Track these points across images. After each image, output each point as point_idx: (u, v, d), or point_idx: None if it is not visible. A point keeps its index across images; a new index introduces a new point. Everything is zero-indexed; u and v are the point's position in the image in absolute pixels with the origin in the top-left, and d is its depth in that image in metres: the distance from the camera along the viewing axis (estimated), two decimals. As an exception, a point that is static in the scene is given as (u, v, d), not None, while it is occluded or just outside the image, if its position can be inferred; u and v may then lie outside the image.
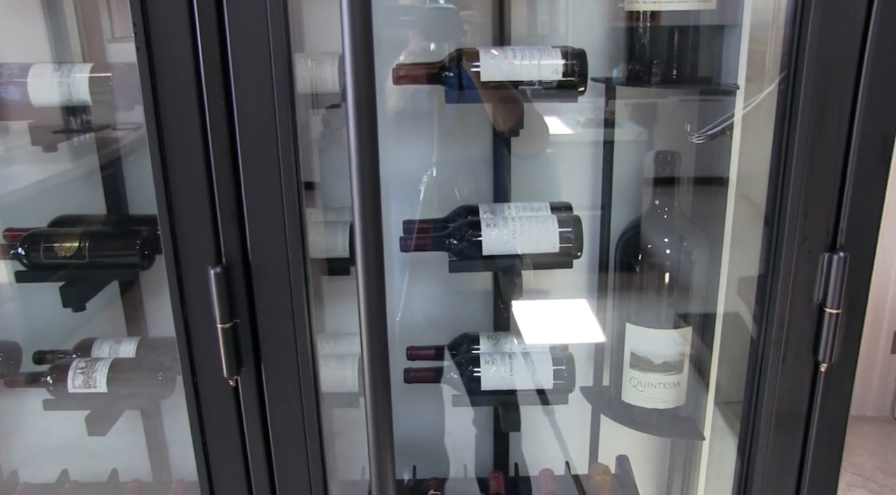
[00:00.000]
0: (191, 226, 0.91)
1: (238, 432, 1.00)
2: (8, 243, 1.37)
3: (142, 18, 0.85)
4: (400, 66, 1.28)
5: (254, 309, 0.93)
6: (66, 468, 1.61)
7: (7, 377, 1.44)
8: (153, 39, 0.86)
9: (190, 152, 0.89)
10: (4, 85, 1.27)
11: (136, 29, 0.86)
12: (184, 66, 0.86)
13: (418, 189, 1.51)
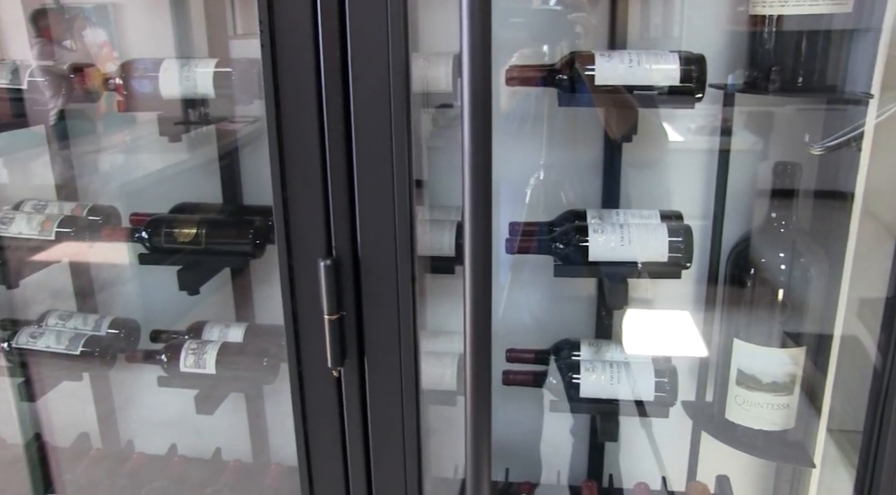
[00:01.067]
0: (304, 218, 0.94)
1: (338, 422, 1.02)
2: (133, 227, 1.45)
3: (268, 17, 0.88)
4: (513, 68, 1.28)
5: (360, 302, 0.95)
6: (174, 442, 1.69)
7: (127, 352, 1.52)
8: (277, 37, 0.89)
9: (307, 147, 0.91)
10: (139, 78, 1.33)
11: (261, 27, 0.89)
12: (305, 64, 0.89)
13: (525, 191, 1.50)
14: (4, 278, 1.53)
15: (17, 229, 1.46)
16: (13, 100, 1.46)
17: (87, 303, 1.76)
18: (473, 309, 0.86)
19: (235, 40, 1.57)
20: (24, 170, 1.81)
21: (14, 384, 1.60)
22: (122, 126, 1.74)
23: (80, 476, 1.64)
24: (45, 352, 1.51)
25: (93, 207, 1.53)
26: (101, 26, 1.69)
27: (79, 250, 1.57)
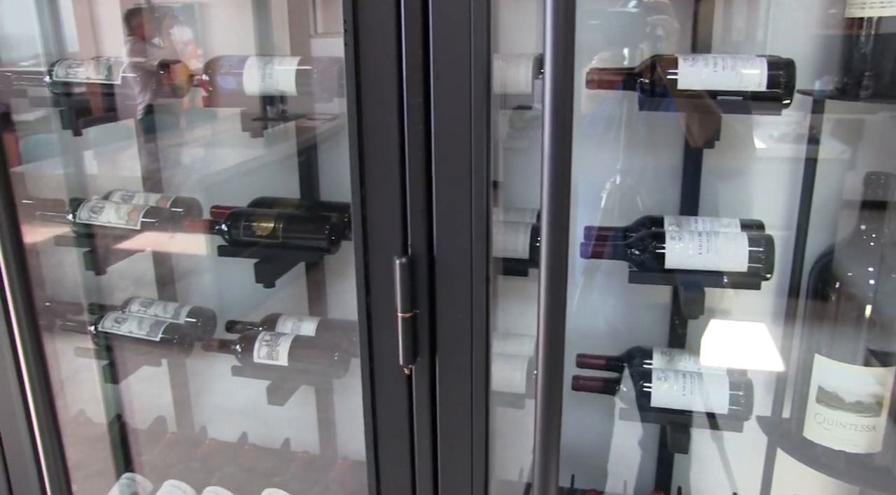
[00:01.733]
0: (381, 216, 0.94)
1: (407, 419, 1.02)
2: (213, 219, 1.49)
3: (352, 16, 0.89)
4: (593, 71, 1.26)
5: (434, 301, 0.95)
6: (245, 431, 1.73)
7: (203, 341, 1.57)
8: (361, 36, 0.90)
9: (386, 145, 0.92)
10: (224, 75, 1.37)
11: (345, 26, 0.90)
12: (387, 63, 0.90)
13: (600, 195, 1.48)
14: (93, 264, 1.59)
15: (106, 218, 1.52)
16: (105, 94, 1.52)
17: (167, 292, 1.82)
18: (547, 313, 0.86)
19: (316, 39, 1.59)
20: (113, 161, 1.89)
21: (99, 366, 1.67)
22: (203, 121, 1.80)
23: (157, 457, 1.70)
24: (128, 337, 1.57)
25: (176, 199, 1.57)
26: (187, 25, 1.75)
27: (161, 240, 1.62)
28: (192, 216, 1.55)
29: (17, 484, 1.31)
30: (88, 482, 1.60)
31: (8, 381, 1.23)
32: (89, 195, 1.64)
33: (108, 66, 1.49)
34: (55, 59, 1.53)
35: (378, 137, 0.92)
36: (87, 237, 1.56)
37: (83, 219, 1.53)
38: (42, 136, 1.74)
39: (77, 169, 1.76)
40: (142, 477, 1.64)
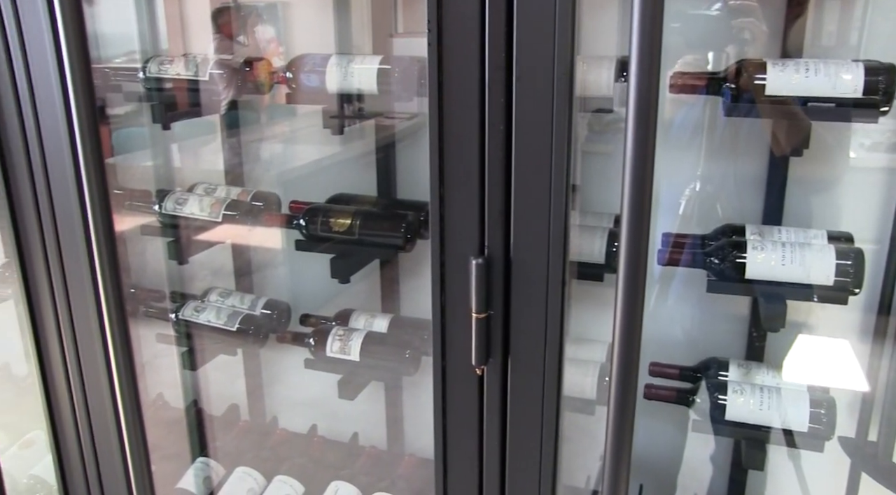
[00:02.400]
0: (459, 216, 0.95)
1: (477, 420, 1.02)
2: (291, 214, 1.52)
3: (436, 16, 0.90)
4: (677, 75, 1.23)
5: (509, 303, 0.95)
6: (315, 423, 1.76)
7: (278, 333, 1.60)
8: (444, 36, 0.90)
9: (466, 145, 0.92)
10: (307, 73, 1.40)
11: (429, 26, 0.91)
12: (470, 63, 0.90)
13: (679, 202, 1.45)
14: (177, 254, 1.65)
15: (190, 210, 1.56)
16: (191, 90, 1.57)
17: (243, 283, 1.87)
18: (624, 319, 0.84)
19: (397, 38, 1.61)
20: (196, 155, 1.94)
21: (179, 352, 1.72)
22: (283, 117, 1.84)
23: (229, 443, 1.75)
24: (206, 325, 1.61)
25: (256, 193, 1.61)
26: (270, 23, 1.79)
27: (240, 232, 1.67)
28: (272, 210, 1.59)
29: (104, 460, 1.37)
30: (164, 463, 1.65)
31: (97, 363, 1.28)
32: (175, 187, 1.70)
33: (196, 62, 1.54)
34: (149, 56, 1.59)
35: (459, 137, 0.92)
36: (171, 227, 1.62)
37: (168, 210, 1.58)
38: (131, 130, 1.81)
39: (164, 161, 1.82)
40: (215, 462, 1.69)
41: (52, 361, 1.34)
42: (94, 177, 1.11)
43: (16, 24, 1.14)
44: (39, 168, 1.22)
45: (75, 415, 1.36)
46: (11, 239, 1.29)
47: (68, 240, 1.24)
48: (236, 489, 1.59)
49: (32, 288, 1.31)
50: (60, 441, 1.40)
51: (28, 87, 1.17)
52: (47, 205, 1.24)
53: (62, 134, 1.18)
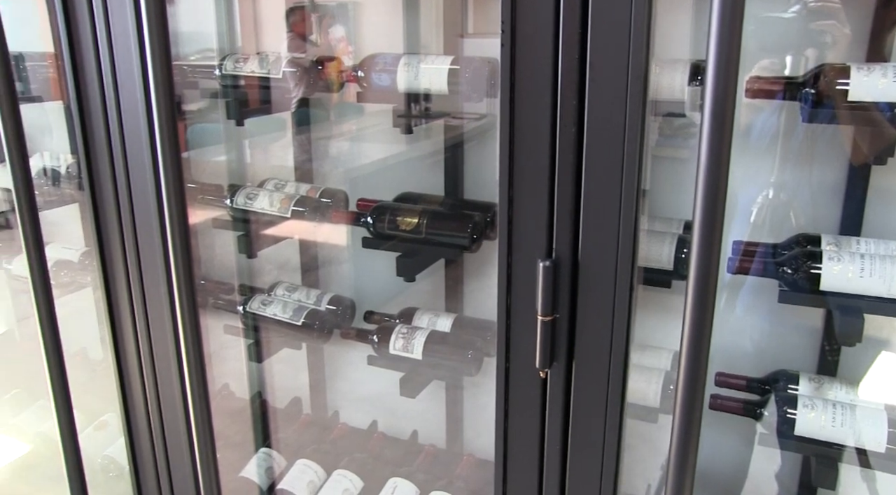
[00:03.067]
0: (527, 218, 0.94)
1: (539, 423, 1.02)
2: (359, 211, 1.54)
3: (510, 17, 0.90)
4: (753, 79, 1.20)
5: (575, 306, 0.94)
6: (375, 419, 1.78)
7: (342, 329, 1.62)
8: (518, 37, 0.90)
9: (537, 147, 0.92)
10: (379, 72, 1.41)
11: (503, 27, 0.91)
12: (543, 64, 0.90)
13: (750, 209, 1.42)
14: (247, 248, 1.68)
15: (260, 205, 1.60)
16: (262, 87, 1.61)
17: (309, 278, 1.90)
18: (693, 328, 0.83)
19: (465, 38, 1.61)
20: (266, 151, 1.98)
21: (245, 344, 1.76)
22: (351, 116, 1.86)
23: (291, 436, 1.78)
24: (272, 319, 1.65)
25: (325, 190, 1.64)
26: (340, 23, 1.81)
27: (307, 228, 1.70)
28: (339, 207, 1.61)
29: (172, 444, 1.41)
30: (228, 451, 1.69)
31: (168, 351, 1.33)
32: (245, 182, 1.74)
33: (270, 61, 1.57)
34: (225, 54, 1.63)
35: (529, 139, 0.92)
36: (241, 222, 1.66)
37: (239, 204, 1.62)
38: (205, 126, 1.86)
39: (237, 157, 1.86)
40: (277, 453, 1.72)
41: (126, 348, 1.39)
42: (170, 171, 1.14)
43: (104, 22, 1.19)
44: (120, 162, 1.27)
45: (146, 401, 1.41)
46: (92, 229, 1.34)
47: (145, 232, 1.29)
48: (297, 481, 1.61)
49: (110, 277, 1.36)
50: (132, 424, 1.45)
51: (113, 83, 1.22)
52: (126, 197, 1.28)
53: (142, 129, 1.22)
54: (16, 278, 2.09)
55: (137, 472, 1.49)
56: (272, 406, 1.86)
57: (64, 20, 1.22)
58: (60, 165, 1.89)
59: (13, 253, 2.10)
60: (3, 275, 2.17)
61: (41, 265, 1.30)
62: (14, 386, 2.24)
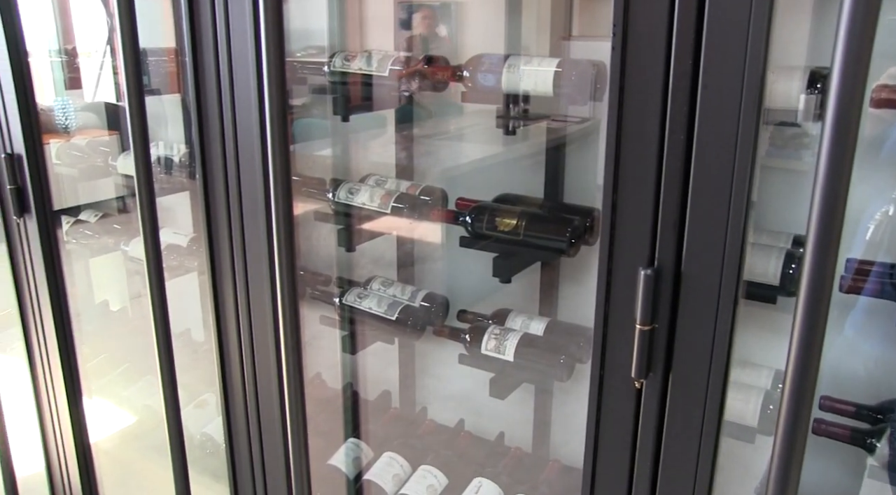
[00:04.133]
0: (630, 225, 0.93)
1: (632, 434, 1.00)
2: (458, 210, 1.55)
3: (622, 20, 0.88)
4: (881, 88, 1.14)
5: (675, 317, 0.92)
6: (462, 418, 1.79)
7: (435, 326, 1.63)
8: (629, 40, 0.89)
9: (644, 153, 0.90)
10: (485, 72, 1.42)
11: (614, 30, 0.90)
12: (654, 70, 0.88)
13: (867, 226, 1.35)
14: (347, 241, 1.72)
15: (361, 200, 1.63)
16: (368, 85, 1.64)
17: (403, 274, 1.92)
18: (801, 348, 0.79)
19: (568, 41, 1.59)
20: (367, 147, 2.02)
21: (340, 336, 1.80)
22: (451, 115, 1.87)
23: (379, 428, 1.81)
24: (367, 312, 1.68)
25: (425, 188, 1.65)
26: (443, 22, 1.82)
27: (405, 224, 1.72)
28: (438, 205, 1.62)
29: (266, 427, 1.46)
30: (317, 438, 1.74)
31: (267, 338, 1.37)
32: (350, 177, 1.78)
33: (378, 58, 1.60)
34: (334, 51, 1.67)
35: (636, 144, 0.90)
36: (343, 215, 1.69)
37: (341, 198, 1.66)
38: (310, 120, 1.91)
39: (341, 152, 1.91)
40: (365, 444, 1.75)
41: (228, 332, 1.45)
42: (279, 164, 1.18)
43: (224, 22, 1.24)
44: (232, 154, 1.32)
45: (244, 383, 1.46)
46: (202, 217, 1.40)
47: (251, 222, 1.34)
48: (383, 472, 1.64)
49: (216, 263, 1.42)
50: (230, 405, 1.50)
51: (229, 79, 1.27)
52: (235, 187, 1.33)
53: (254, 123, 1.27)
54: (131, 259, 2.21)
55: (232, 451, 1.54)
56: (363, 398, 1.90)
57: (188, 20, 1.28)
58: (174, 155, 1.98)
59: (130, 235, 2.22)
60: (121, 256, 2.29)
61: (156, 248, 1.37)
62: (125, 360, 2.37)
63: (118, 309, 2.59)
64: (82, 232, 2.31)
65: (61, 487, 2.10)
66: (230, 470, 1.56)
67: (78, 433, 1.98)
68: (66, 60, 2.30)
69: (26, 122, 1.71)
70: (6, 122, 1.74)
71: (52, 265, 1.84)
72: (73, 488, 2.06)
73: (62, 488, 2.09)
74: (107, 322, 2.55)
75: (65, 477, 2.06)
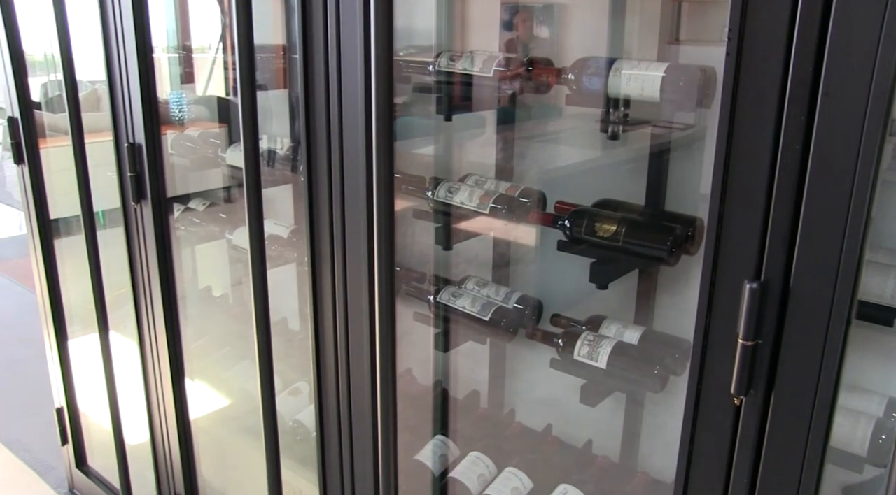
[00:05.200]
0: (737, 236, 0.90)
1: (727, 452, 0.97)
2: (556, 214, 1.54)
3: (739, 24, 0.86)
4: None
5: (781, 334, 0.88)
6: (550, 423, 1.77)
7: (528, 329, 1.63)
8: (745, 45, 0.86)
9: (755, 164, 0.87)
10: (591, 75, 1.40)
11: (730, 34, 0.87)
12: (771, 77, 0.84)
13: None
14: (444, 240, 1.74)
15: (460, 199, 1.64)
16: (471, 85, 1.64)
17: (497, 275, 1.92)
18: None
19: (674, 45, 1.56)
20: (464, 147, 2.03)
21: (433, 333, 1.82)
22: (550, 117, 1.86)
23: (467, 427, 1.81)
24: (461, 311, 1.68)
25: (524, 190, 1.65)
26: (545, 24, 1.81)
27: (501, 225, 1.72)
28: (537, 208, 1.61)
29: (357, 419, 1.49)
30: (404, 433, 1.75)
31: (362, 331, 1.40)
32: (449, 176, 1.79)
33: (483, 59, 1.60)
34: (440, 51, 1.69)
35: (747, 153, 0.87)
36: (441, 214, 1.71)
37: (440, 197, 1.67)
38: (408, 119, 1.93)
39: (443, 151, 1.92)
40: (452, 442, 1.76)
41: (324, 323, 1.48)
42: (383, 161, 1.21)
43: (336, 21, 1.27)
44: (336, 150, 1.35)
45: (338, 374, 1.49)
46: (305, 209, 1.44)
47: (352, 216, 1.36)
48: (468, 471, 1.65)
49: (317, 255, 1.46)
50: (323, 395, 1.54)
51: (337, 78, 1.31)
52: (339, 183, 1.37)
53: (359, 121, 1.29)
54: (234, 248, 2.29)
55: (323, 439, 1.58)
56: (452, 396, 1.91)
57: (301, 19, 1.32)
58: (277, 148, 2.05)
59: (234, 225, 2.30)
60: (225, 244, 2.39)
61: (260, 238, 1.42)
62: (225, 344, 2.46)
63: (220, 295, 2.70)
64: (191, 219, 2.42)
65: (163, 458, 2.20)
66: (319, 458, 1.60)
67: (180, 410, 2.07)
68: (182, 56, 2.42)
69: (148, 113, 1.81)
70: (130, 114, 1.84)
71: (163, 250, 1.94)
72: (173, 460, 2.16)
73: (164, 459, 2.20)
74: (209, 306, 2.66)
75: (167, 449, 2.17)
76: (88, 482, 2.69)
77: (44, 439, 3.16)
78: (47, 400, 2.75)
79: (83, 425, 2.70)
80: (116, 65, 1.83)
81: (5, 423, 3.33)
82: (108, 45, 1.83)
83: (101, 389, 2.22)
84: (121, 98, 1.85)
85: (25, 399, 3.54)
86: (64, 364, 2.58)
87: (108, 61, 1.84)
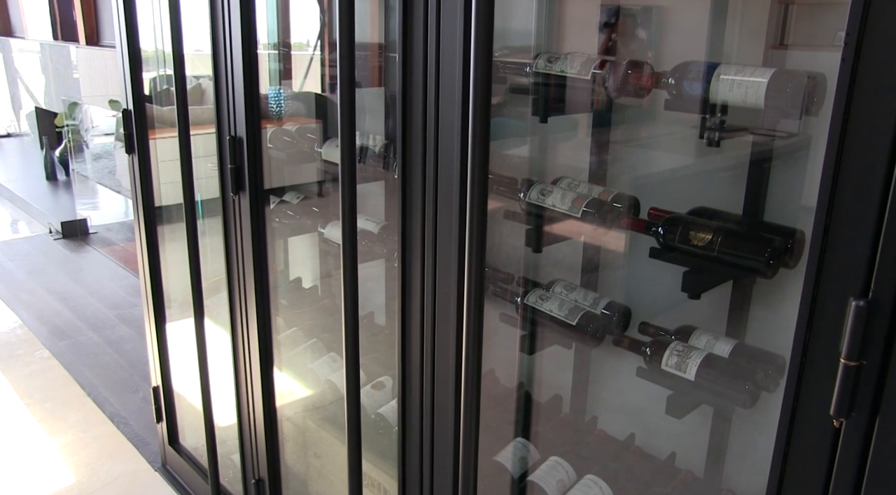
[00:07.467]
0: (843, 250, 0.86)
1: (824, 477, 0.93)
2: (650, 220, 1.51)
3: (858, 28, 0.82)
4: None
5: (889, 355, 0.84)
6: (633, 432, 1.74)
7: (615, 336, 1.60)
8: (863, 52, 0.82)
9: (868, 175, 0.83)
10: (692, 80, 1.37)
11: (847, 39, 0.83)
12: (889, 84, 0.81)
13: None
14: (535, 242, 1.73)
15: (552, 202, 1.63)
16: (567, 87, 1.63)
17: (585, 280, 1.90)
18: None
19: (783, 50, 1.50)
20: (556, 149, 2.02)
21: (519, 335, 1.82)
22: (644, 122, 1.82)
23: (548, 432, 1.80)
24: (548, 314, 1.67)
25: (617, 195, 1.62)
26: (644, 27, 1.78)
27: (592, 230, 1.70)
28: (630, 213, 1.59)
29: (439, 416, 1.50)
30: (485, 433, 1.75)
31: (449, 330, 1.41)
32: (541, 178, 1.78)
33: (581, 61, 1.59)
34: (539, 52, 1.68)
35: (859, 165, 0.84)
36: (532, 216, 1.70)
37: (532, 199, 1.66)
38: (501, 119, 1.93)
39: (537, 153, 1.92)
40: (532, 446, 1.76)
41: (412, 319, 1.50)
42: (478, 161, 1.21)
43: (436, 22, 1.28)
44: (432, 148, 1.36)
45: (422, 371, 1.51)
46: (398, 206, 1.46)
47: (444, 215, 1.37)
48: (547, 476, 1.64)
49: (407, 252, 1.48)
50: (406, 390, 1.56)
51: (435, 78, 1.32)
52: (432, 181, 1.38)
53: (455, 121, 1.30)
54: (325, 241, 2.35)
55: (404, 434, 1.60)
56: (535, 399, 1.90)
57: (402, 19, 1.34)
58: (369, 145, 2.08)
59: (326, 219, 2.36)
60: (316, 237, 2.45)
61: (353, 233, 1.45)
62: (312, 336, 2.53)
63: (309, 287, 2.77)
64: (285, 212, 2.50)
65: (249, 443, 2.28)
66: (400, 452, 1.62)
67: (267, 397, 2.14)
68: (282, 53, 2.49)
69: (250, 109, 1.87)
70: (233, 108, 1.91)
71: (258, 240, 2.00)
72: (258, 445, 2.23)
73: (250, 444, 2.28)
74: (299, 298, 2.73)
75: (253, 434, 2.24)
76: (179, 459, 2.81)
77: (141, 415, 3.33)
78: (146, 379, 2.90)
79: (176, 405, 2.83)
80: (223, 62, 1.90)
81: (109, 398, 3.52)
82: (215, 43, 1.90)
83: (193, 372, 2.32)
84: (225, 93, 1.92)
85: (127, 376, 3.73)
86: (161, 345, 2.70)
87: (214, 58, 1.92)
